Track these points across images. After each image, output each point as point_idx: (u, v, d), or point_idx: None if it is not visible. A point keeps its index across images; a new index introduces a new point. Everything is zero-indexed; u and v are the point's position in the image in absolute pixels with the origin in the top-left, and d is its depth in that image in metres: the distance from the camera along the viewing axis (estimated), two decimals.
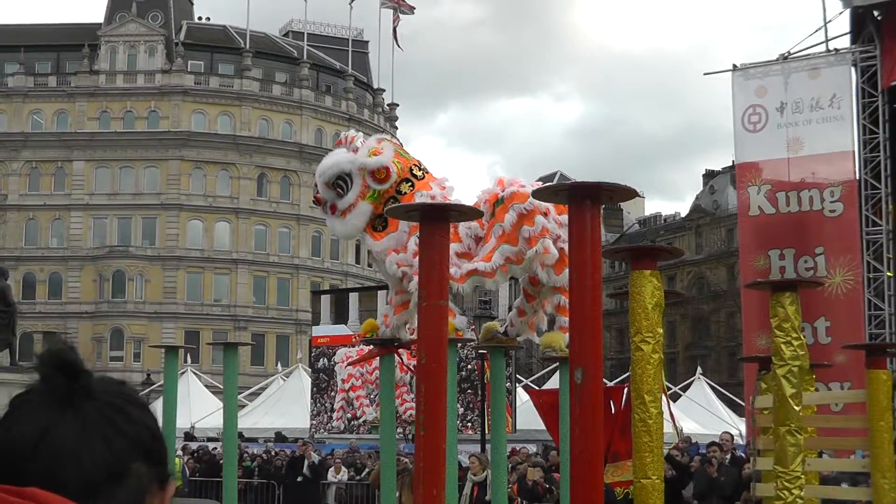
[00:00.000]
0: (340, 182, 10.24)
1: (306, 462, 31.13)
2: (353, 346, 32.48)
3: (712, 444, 21.94)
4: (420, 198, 9.80)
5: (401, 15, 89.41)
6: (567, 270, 9.66)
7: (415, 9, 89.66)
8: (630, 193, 6.52)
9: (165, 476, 1.86)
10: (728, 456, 21.62)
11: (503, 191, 9.91)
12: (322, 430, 37.06)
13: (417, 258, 9.71)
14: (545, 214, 9.77)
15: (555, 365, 17.68)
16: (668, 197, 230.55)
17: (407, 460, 22.62)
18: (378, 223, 10.17)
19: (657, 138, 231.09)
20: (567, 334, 9.96)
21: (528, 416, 29.56)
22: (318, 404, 36.64)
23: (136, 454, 1.79)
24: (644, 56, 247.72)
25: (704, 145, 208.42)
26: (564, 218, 9.64)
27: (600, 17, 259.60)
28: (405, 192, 10.03)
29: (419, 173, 10.22)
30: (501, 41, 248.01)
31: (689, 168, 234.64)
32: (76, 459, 1.73)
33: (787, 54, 28.52)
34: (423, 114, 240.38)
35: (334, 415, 35.71)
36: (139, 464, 1.79)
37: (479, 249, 10.02)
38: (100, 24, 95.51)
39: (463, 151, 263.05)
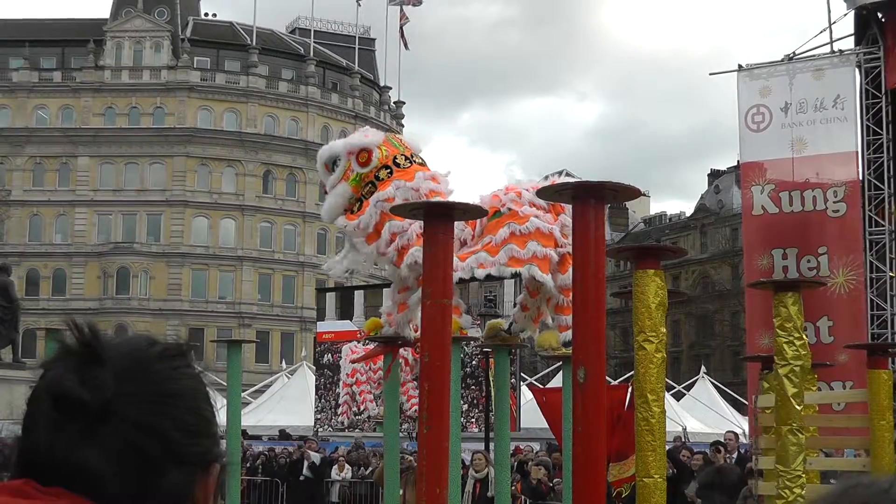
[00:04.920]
0: (335, 167, 10.38)
1: (306, 463, 31.11)
2: (360, 343, 32.42)
3: (716, 442, 21.94)
4: (396, 187, 9.87)
5: (412, 7, 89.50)
6: (567, 271, 9.74)
7: (422, 1, 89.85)
8: (634, 192, 6.55)
9: (209, 461, 1.74)
10: (735, 455, 21.63)
11: (503, 206, 9.93)
12: (327, 427, 37.01)
13: (391, 246, 9.94)
14: (546, 236, 9.79)
15: (559, 364, 17.68)
16: (683, 196, 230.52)
17: (411, 458, 22.57)
18: (356, 205, 10.24)
19: (675, 139, 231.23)
20: (562, 333, 10.03)
21: (532, 414, 29.54)
22: (324, 401, 36.59)
23: (170, 464, 1.68)
24: (666, 57, 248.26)
25: (719, 145, 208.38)
26: (568, 219, 9.69)
27: (626, 18, 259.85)
28: (382, 179, 10.08)
29: (403, 163, 10.23)
30: (528, 40, 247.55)
31: (704, 168, 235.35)
32: (100, 484, 1.63)
33: (791, 55, 28.50)
34: (446, 112, 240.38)
35: (339, 409, 35.66)
36: (174, 473, 1.68)
37: (459, 251, 10.06)
38: (105, 19, 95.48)
39: (484, 150, 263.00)
